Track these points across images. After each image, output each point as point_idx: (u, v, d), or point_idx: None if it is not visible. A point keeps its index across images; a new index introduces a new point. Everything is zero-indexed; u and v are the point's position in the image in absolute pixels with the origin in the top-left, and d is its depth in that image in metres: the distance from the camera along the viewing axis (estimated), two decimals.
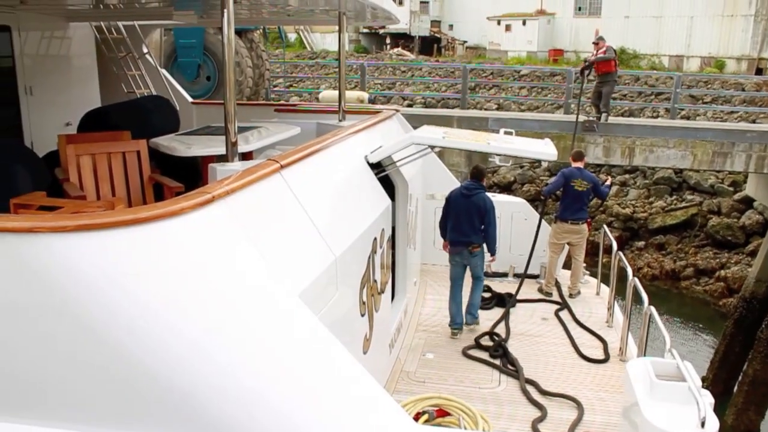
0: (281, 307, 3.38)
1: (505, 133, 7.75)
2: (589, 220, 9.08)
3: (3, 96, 8.64)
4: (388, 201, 6.25)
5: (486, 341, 7.57)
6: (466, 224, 7.51)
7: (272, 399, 2.92)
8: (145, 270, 2.98)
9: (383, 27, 44.59)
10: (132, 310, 2.87)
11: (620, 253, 8.03)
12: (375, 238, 5.63)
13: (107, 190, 5.85)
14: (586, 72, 15.61)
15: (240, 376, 2.92)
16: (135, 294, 2.91)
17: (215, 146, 6.00)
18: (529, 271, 9.09)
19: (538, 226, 9.08)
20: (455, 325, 7.70)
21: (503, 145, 6.71)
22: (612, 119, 16.93)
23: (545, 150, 6.82)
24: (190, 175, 6.76)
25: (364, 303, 5.33)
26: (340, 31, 7.75)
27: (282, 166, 4.32)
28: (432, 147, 6.71)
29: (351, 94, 16.06)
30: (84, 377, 2.90)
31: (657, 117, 23.93)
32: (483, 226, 7.52)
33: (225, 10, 4.23)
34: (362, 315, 5.32)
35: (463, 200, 7.53)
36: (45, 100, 9.22)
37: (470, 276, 7.84)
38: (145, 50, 10.50)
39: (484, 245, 7.66)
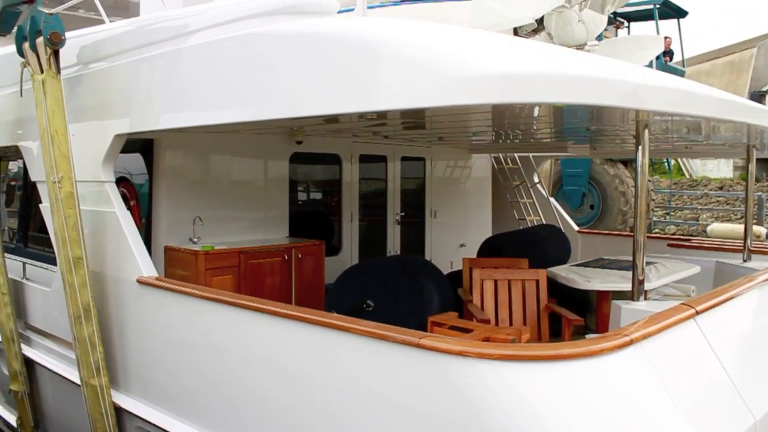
0: None
1: None
2: None
3: (415, 216, 9.82)
4: None
5: None
6: None
7: None
8: (564, 407, 3.04)
9: None
10: None
11: None
12: None
13: (505, 315, 6.17)
14: None
15: None
16: (553, 430, 2.96)
17: (615, 281, 5.99)
18: None
19: None
20: None
21: None
22: None
23: None
24: (580, 306, 6.79)
25: None
26: (748, 162, 7.30)
27: (697, 312, 4.10)
28: None
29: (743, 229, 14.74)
30: None
31: None
32: None
33: (640, 146, 4.41)
34: None
35: None
36: (445, 222, 10.21)
37: None
38: (536, 179, 11.06)
39: None
